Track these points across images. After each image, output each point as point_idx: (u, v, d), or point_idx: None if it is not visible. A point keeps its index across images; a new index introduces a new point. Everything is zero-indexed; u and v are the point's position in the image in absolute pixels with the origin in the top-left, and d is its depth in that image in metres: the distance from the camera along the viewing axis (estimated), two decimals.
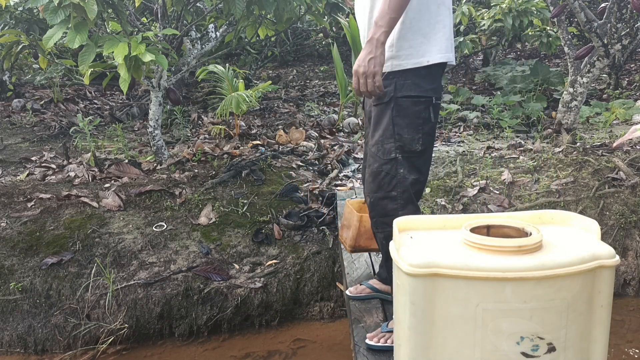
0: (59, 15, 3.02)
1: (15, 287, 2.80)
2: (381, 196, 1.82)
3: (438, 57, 1.77)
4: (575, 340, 1.25)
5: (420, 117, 1.78)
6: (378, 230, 1.89)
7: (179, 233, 3.13)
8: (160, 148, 4.02)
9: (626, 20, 4.09)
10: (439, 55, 1.77)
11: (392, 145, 1.79)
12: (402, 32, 1.75)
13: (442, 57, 1.78)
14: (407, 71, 1.77)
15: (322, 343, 2.77)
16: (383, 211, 1.83)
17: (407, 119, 1.78)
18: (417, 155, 1.81)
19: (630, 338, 2.72)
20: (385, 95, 1.78)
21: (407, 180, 1.80)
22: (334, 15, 5.45)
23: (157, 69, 3.79)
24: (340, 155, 4.33)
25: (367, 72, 1.66)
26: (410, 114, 1.78)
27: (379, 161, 1.82)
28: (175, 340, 2.81)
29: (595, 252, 1.24)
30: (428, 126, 1.80)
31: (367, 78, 1.67)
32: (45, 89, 6.40)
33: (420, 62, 1.76)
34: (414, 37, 1.75)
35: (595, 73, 4.27)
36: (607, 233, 3.16)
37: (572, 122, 4.48)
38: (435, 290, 1.23)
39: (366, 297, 2.33)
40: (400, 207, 1.80)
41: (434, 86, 1.79)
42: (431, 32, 1.76)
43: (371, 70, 1.66)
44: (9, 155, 4.41)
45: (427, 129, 1.80)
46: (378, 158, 1.82)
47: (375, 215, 1.88)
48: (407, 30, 1.75)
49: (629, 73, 7.85)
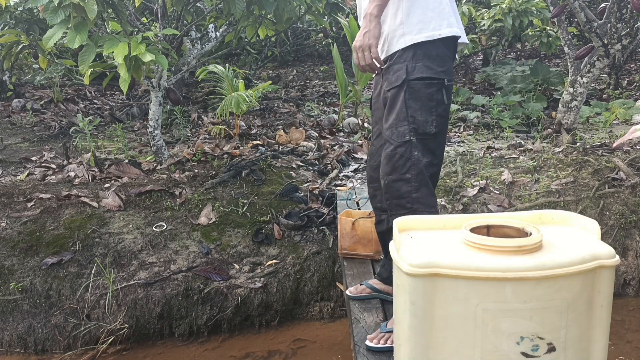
0: (59, 15, 3.03)
1: (15, 287, 2.80)
2: (395, 178, 1.83)
3: (448, 31, 1.81)
4: (575, 340, 1.25)
5: (433, 99, 1.80)
6: (392, 214, 1.89)
7: (179, 233, 3.13)
8: (160, 148, 4.02)
9: (626, 20, 4.09)
10: (448, 29, 1.82)
11: (406, 127, 1.81)
12: (411, 9, 1.81)
13: (452, 31, 1.82)
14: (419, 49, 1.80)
15: (322, 343, 2.77)
16: (397, 193, 1.84)
17: (420, 102, 1.80)
18: (431, 137, 1.83)
19: (630, 338, 2.72)
20: (397, 79, 1.81)
21: (420, 163, 1.81)
22: (334, 15, 5.45)
23: (157, 69, 3.79)
24: (340, 155, 4.33)
25: (363, 45, 1.75)
26: (423, 96, 1.80)
27: (394, 144, 1.83)
28: (175, 340, 2.81)
29: (595, 252, 1.24)
30: (441, 108, 1.82)
31: (364, 51, 1.75)
32: (45, 89, 6.40)
33: (432, 35, 1.81)
34: (423, 12, 1.81)
35: (595, 73, 4.27)
36: (607, 233, 3.16)
37: (572, 122, 4.48)
38: (435, 290, 1.23)
39: (366, 297, 2.33)
40: (415, 190, 1.81)
41: (445, 68, 1.82)
42: (439, 7, 1.83)
43: (366, 43, 1.75)
44: (9, 155, 4.41)
45: (440, 111, 1.82)
46: (393, 141, 1.83)
47: (389, 198, 1.88)
48: (415, 7, 1.81)
49: (629, 73, 7.85)
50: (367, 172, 2.17)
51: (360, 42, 1.76)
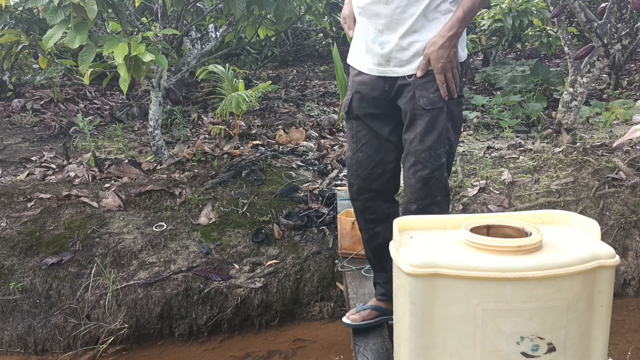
0: (59, 15, 3.02)
1: (15, 287, 2.80)
2: (429, 202, 1.79)
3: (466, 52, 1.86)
4: (575, 340, 1.25)
5: (460, 117, 1.82)
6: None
7: (179, 233, 3.13)
8: (160, 148, 4.02)
9: (626, 20, 4.09)
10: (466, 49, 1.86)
11: (442, 150, 1.77)
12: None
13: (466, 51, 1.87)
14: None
15: (322, 343, 2.77)
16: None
17: (452, 121, 1.79)
18: (453, 155, 1.84)
19: (630, 338, 2.72)
20: (439, 100, 1.75)
21: (446, 183, 1.81)
22: (334, 15, 5.44)
23: (157, 69, 3.79)
24: (340, 155, 4.33)
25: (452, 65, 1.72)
26: (455, 115, 1.80)
27: (430, 167, 1.76)
28: (175, 340, 2.81)
29: (595, 252, 1.24)
30: (461, 124, 1.84)
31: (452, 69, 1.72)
32: (45, 89, 6.39)
33: (464, 54, 1.83)
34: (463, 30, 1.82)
35: (595, 73, 4.27)
36: (607, 233, 3.16)
37: (572, 122, 4.48)
38: (435, 290, 1.23)
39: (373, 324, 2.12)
40: (443, 211, 1.79)
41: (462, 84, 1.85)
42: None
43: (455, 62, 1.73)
44: (9, 155, 4.41)
45: (460, 128, 1.84)
46: (429, 164, 1.76)
47: None
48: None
49: (629, 73, 7.84)
50: (355, 183, 1.99)
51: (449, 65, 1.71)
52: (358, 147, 1.96)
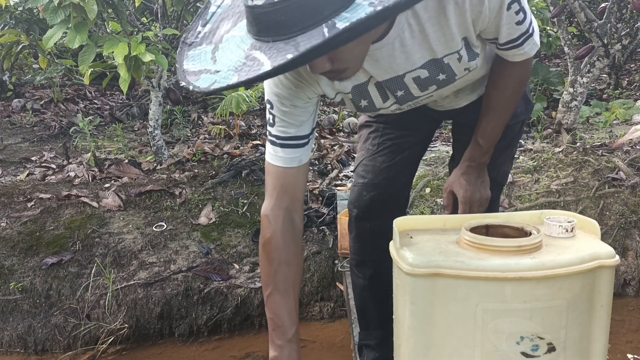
0: (59, 15, 3.03)
1: (15, 287, 2.80)
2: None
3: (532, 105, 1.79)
4: (575, 340, 1.25)
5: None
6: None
7: (179, 233, 3.13)
8: (160, 148, 4.02)
9: (626, 20, 4.08)
10: None
11: (508, 168, 1.75)
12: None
13: None
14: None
15: (322, 343, 2.77)
16: None
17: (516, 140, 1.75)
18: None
19: (630, 338, 2.72)
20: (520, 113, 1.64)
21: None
22: None
23: (157, 69, 3.79)
24: (340, 155, 4.33)
25: (482, 197, 1.60)
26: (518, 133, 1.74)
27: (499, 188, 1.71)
28: (175, 340, 2.81)
29: (595, 252, 1.24)
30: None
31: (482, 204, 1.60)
32: (45, 89, 6.39)
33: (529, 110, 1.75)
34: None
35: (595, 73, 4.27)
36: (607, 233, 3.16)
37: (572, 122, 4.47)
38: (435, 290, 1.23)
39: None
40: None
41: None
42: None
43: (487, 194, 1.61)
44: (9, 155, 4.41)
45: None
46: (497, 184, 1.69)
47: None
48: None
49: (629, 73, 7.84)
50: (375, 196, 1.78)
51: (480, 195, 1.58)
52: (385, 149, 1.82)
